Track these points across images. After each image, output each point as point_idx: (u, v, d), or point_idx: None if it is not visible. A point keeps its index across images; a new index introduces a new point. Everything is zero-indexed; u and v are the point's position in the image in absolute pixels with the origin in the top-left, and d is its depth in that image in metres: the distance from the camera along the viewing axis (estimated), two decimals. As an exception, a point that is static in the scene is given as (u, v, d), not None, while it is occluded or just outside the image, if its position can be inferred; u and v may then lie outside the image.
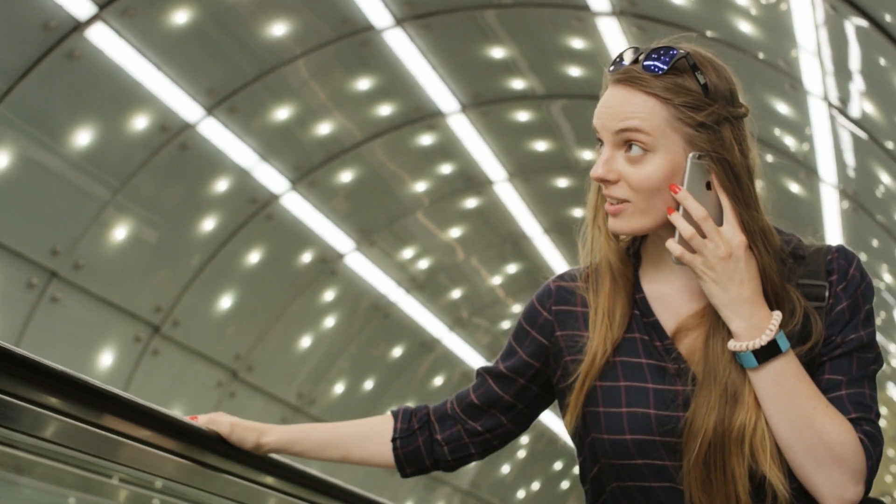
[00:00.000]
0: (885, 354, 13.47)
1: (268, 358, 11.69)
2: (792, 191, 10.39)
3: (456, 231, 12.83)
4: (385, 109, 10.44)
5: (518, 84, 10.44)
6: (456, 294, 13.94)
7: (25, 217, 8.68)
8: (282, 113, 9.92)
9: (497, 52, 9.98)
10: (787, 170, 10.06)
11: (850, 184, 9.87)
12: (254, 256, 10.87)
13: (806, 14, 7.90)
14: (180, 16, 8.48)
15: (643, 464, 2.02)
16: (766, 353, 1.95)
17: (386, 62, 9.71)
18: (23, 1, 7.71)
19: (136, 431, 2.39)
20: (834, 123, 8.83)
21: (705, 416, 1.97)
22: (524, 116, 10.96)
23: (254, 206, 10.47)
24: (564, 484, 19.83)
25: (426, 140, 11.03)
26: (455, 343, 14.37)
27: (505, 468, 17.49)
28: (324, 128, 10.38)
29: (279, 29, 9.07)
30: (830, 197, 10.16)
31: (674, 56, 1.99)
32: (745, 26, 8.54)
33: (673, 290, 2.08)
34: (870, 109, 8.47)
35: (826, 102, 8.56)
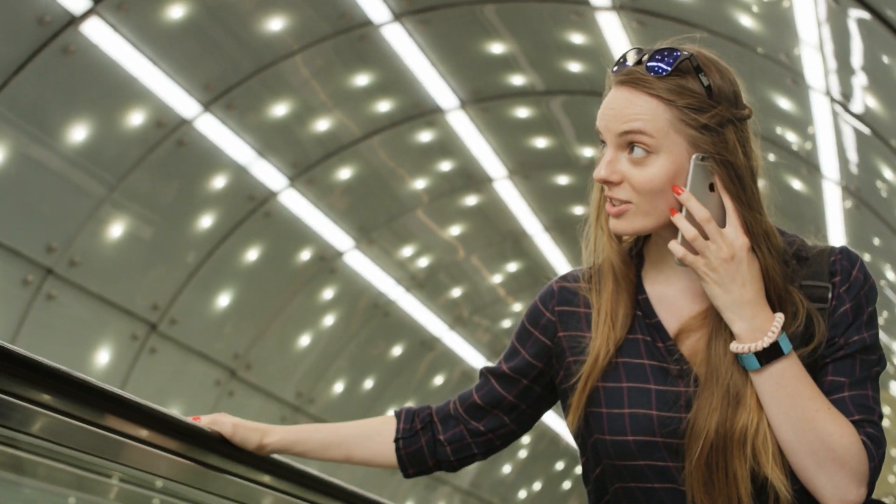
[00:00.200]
0: (888, 353, 13.40)
1: (266, 357, 11.64)
2: (794, 187, 10.32)
3: (456, 229, 12.77)
4: (384, 106, 10.37)
5: (518, 80, 10.37)
6: (456, 292, 13.88)
7: (20, 213, 8.63)
8: (279, 109, 9.85)
9: (496, 48, 9.91)
10: (789, 166, 9.99)
11: (853, 180, 9.79)
12: (252, 254, 10.82)
13: (808, 8, 7.83)
14: (176, 10, 8.42)
15: (645, 465, 2.03)
16: (769, 355, 1.95)
17: (384, 58, 9.64)
18: (16, -5, 7.66)
19: (139, 432, 2.39)
20: (836, 119, 8.74)
21: (707, 418, 1.98)
22: (524, 113, 10.89)
23: (252, 204, 10.41)
24: (566, 484, 19.78)
25: (425, 137, 10.96)
26: (455, 342, 14.31)
27: (506, 468, 17.43)
28: (322, 124, 10.31)
29: (276, 24, 9.00)
30: (833, 193, 10.09)
31: (677, 57, 1.98)
32: (746, 20, 8.47)
33: (675, 292, 2.08)
34: (872, 104, 8.38)
35: (828, 97, 8.48)
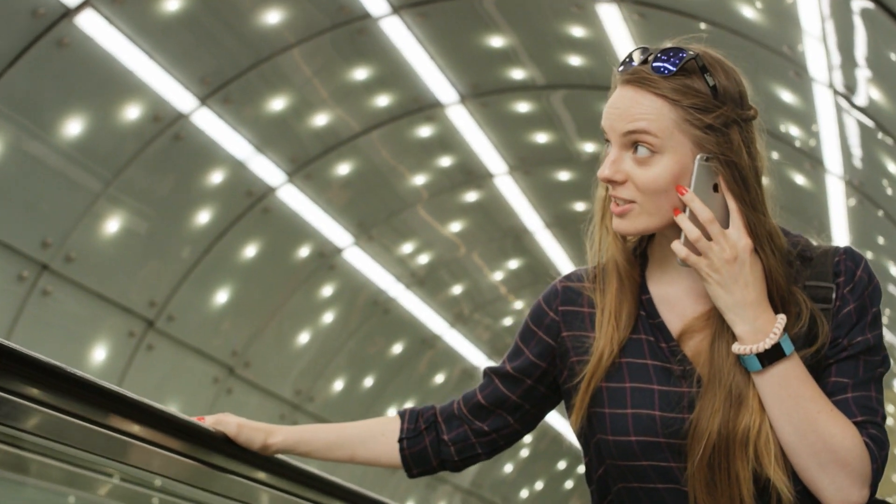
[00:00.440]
0: (893, 351, 13.30)
1: (265, 354, 11.56)
2: (797, 182, 10.22)
3: (456, 225, 12.67)
4: (382, 100, 10.27)
5: (518, 74, 10.27)
6: (457, 290, 13.79)
7: (15, 208, 8.56)
8: (277, 103, 9.76)
9: (496, 41, 9.81)
10: (792, 161, 9.88)
11: (856, 174, 9.69)
12: (250, 250, 10.73)
13: (811, -1, 7.73)
14: (171, 2, 8.34)
15: (648, 465, 2.04)
16: (771, 357, 1.96)
17: (383, 51, 9.55)
18: (10, -13, 7.58)
19: (143, 432, 2.40)
20: (839, 112, 8.64)
21: (710, 419, 1.98)
22: (524, 107, 10.80)
23: (250, 199, 10.33)
24: (568, 483, 19.69)
25: (425, 132, 10.87)
26: (456, 340, 14.21)
27: (508, 467, 17.35)
28: (320, 119, 10.22)
29: (273, 17, 8.91)
30: (836, 188, 9.99)
31: (683, 57, 1.98)
32: (749, 12, 8.36)
33: (679, 292, 2.08)
34: (877, 97, 8.27)
35: (832, 90, 8.37)
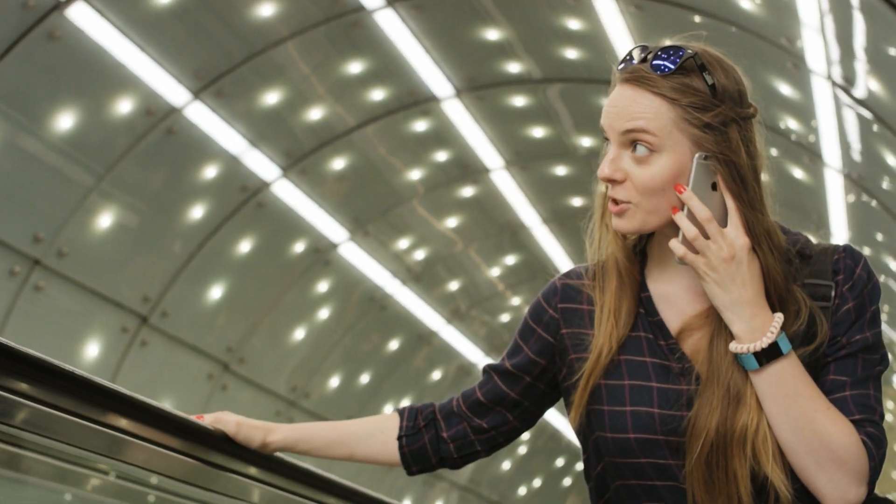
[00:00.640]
0: (893, 347, 13.23)
1: (260, 350, 11.49)
2: (795, 176, 10.14)
3: (452, 221, 12.59)
4: (377, 94, 10.19)
5: (514, 67, 10.19)
6: (453, 286, 13.72)
7: (6, 203, 8.50)
8: (271, 97, 9.68)
9: (492, 34, 9.73)
10: (791, 154, 9.80)
11: (855, 168, 9.60)
12: (244, 246, 10.66)
13: (809, -12, 7.65)
14: (163, -6, 8.26)
15: (646, 462, 2.04)
16: (768, 356, 1.96)
17: (377, 44, 9.47)
18: (-1, -22, 7.50)
19: (143, 430, 2.39)
20: (838, 104, 8.56)
21: (708, 417, 1.98)
22: (520, 101, 10.72)
23: (244, 194, 10.25)
24: (566, 481, 19.62)
25: (420, 126, 10.79)
26: (453, 336, 14.14)
27: (506, 464, 17.28)
28: (315, 113, 10.14)
29: (266, 9, 8.83)
30: (835, 182, 9.91)
31: (682, 56, 1.98)
32: (746, 3, 8.28)
33: (678, 290, 2.08)
34: (875, 88, 8.19)
35: (830, 82, 8.29)
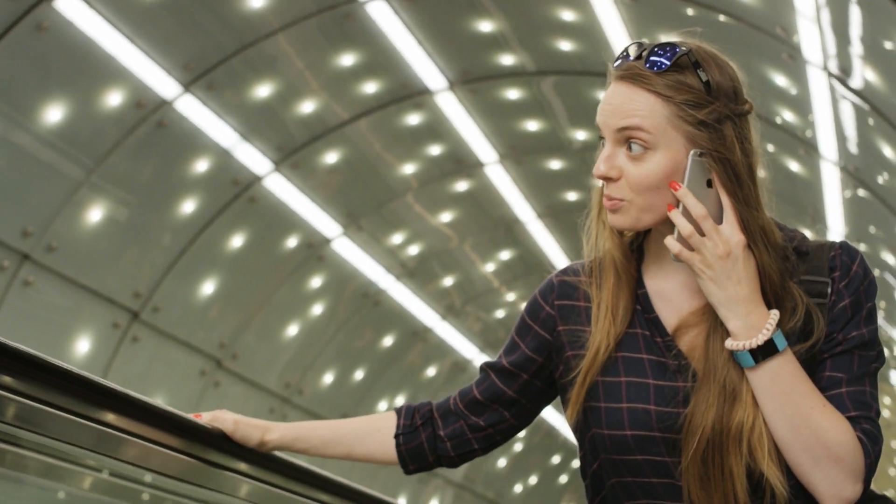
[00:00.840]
0: (890, 342, 13.16)
1: (253, 346, 11.40)
2: (791, 169, 10.06)
3: (447, 216, 12.51)
4: (370, 87, 10.11)
5: (507, 60, 10.11)
6: (448, 281, 13.64)
7: (-6, 197, 8.39)
8: (262, 90, 9.60)
9: (485, 26, 9.65)
10: (786, 146, 9.72)
11: (852, 160, 9.52)
12: (237, 240, 10.57)
13: (804, -22, 7.57)
14: (153, -15, 8.17)
15: (643, 459, 2.04)
16: (764, 353, 1.96)
17: (370, 36, 9.39)
18: (-14, -32, 7.41)
19: (140, 429, 2.40)
20: (834, 95, 8.47)
21: (704, 414, 1.99)
22: (514, 94, 10.63)
23: (236, 188, 10.17)
24: (563, 478, 19.55)
25: (413, 119, 10.70)
26: (447, 332, 14.06)
27: (501, 461, 17.21)
28: (307, 106, 10.05)
29: (257, 0, 8.74)
30: (831, 175, 9.82)
31: (677, 53, 1.99)
32: (741, -8, 8.19)
33: (675, 287, 2.09)
34: (872, 78, 8.10)
35: (826, 73, 8.21)
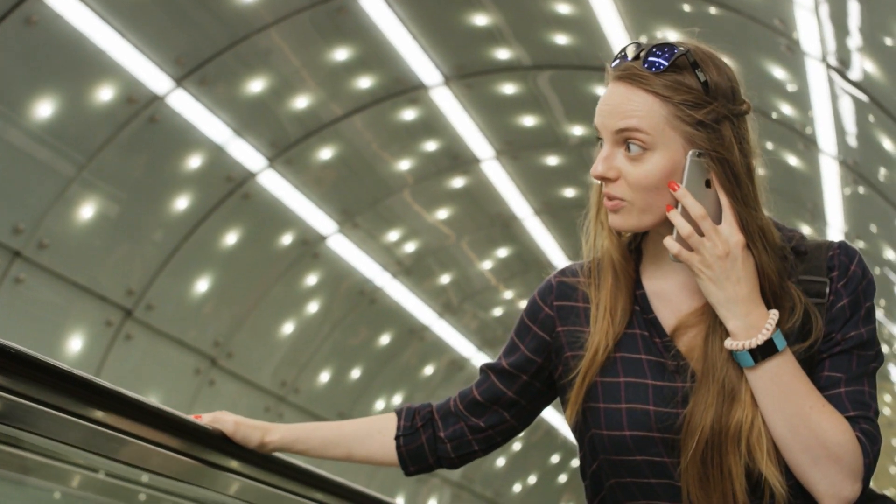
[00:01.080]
0: (890, 338, 13.07)
1: (248, 344, 11.31)
2: (790, 163, 9.97)
3: (443, 212, 12.42)
4: (364, 82, 10.02)
5: (503, 54, 10.02)
6: (445, 279, 13.54)
7: (-16, 193, 8.31)
8: (255, 85, 9.51)
9: (480, 20, 9.56)
10: (785, 141, 9.62)
11: (851, 154, 9.43)
12: (231, 238, 10.48)
13: (802, -32, 7.47)
14: (143, -22, 8.09)
15: (642, 460, 2.04)
16: (763, 352, 1.96)
17: (363, 30, 9.30)
18: (-27, -39, 7.33)
19: (140, 430, 2.40)
20: (833, 87, 8.38)
21: (703, 414, 1.99)
22: (510, 89, 10.54)
23: (229, 185, 10.08)
24: (562, 478, 19.46)
25: (409, 115, 10.61)
26: (445, 330, 13.96)
27: (500, 461, 17.11)
28: (300, 101, 9.96)
29: (249, -7, 8.67)
30: (830, 169, 9.73)
31: (675, 53, 1.99)
32: (738, -17, 8.10)
33: (673, 287, 2.09)
34: (871, 69, 8.01)
35: (824, 64, 8.11)
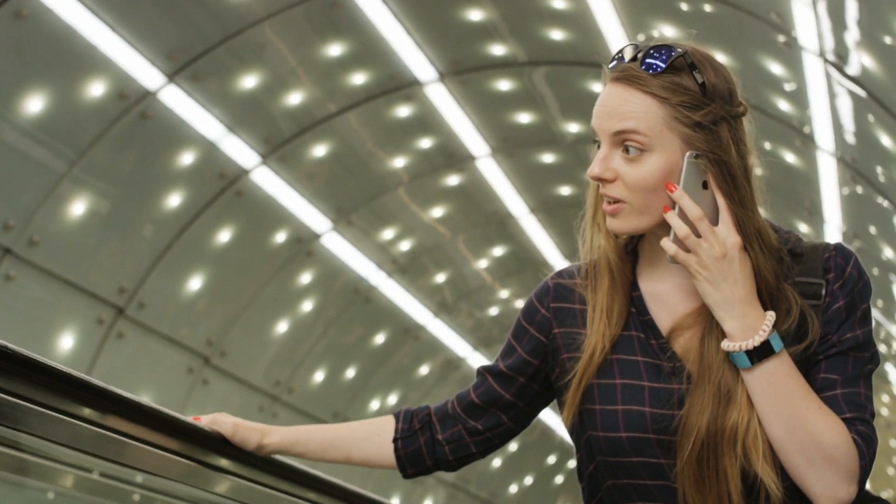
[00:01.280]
0: (889, 337, 13.00)
1: (241, 343, 11.23)
2: (787, 160, 9.89)
3: (438, 210, 12.34)
4: (358, 78, 9.94)
5: (498, 50, 9.95)
6: (440, 278, 13.46)
7: (-27, 189, 8.22)
8: (248, 81, 9.42)
9: (475, 15, 9.48)
10: (782, 137, 9.55)
11: (849, 150, 9.36)
12: (224, 235, 10.40)
13: (799, -38, 7.40)
14: (134, -28, 8.01)
15: (638, 462, 2.05)
16: (760, 354, 1.97)
17: (357, 26, 9.23)
18: (-39, -47, 7.24)
19: (139, 432, 2.39)
20: (830, 82, 8.31)
21: (699, 415, 1.99)
22: (505, 85, 10.46)
23: (222, 182, 10.00)
24: (558, 478, 19.38)
25: (403, 112, 10.53)
26: (440, 329, 13.88)
27: (496, 461, 17.03)
28: (294, 97, 9.88)
29: (241, -13, 8.59)
30: (828, 165, 9.66)
31: (672, 55, 1.99)
32: (735, -23, 8.02)
33: (669, 289, 2.09)
34: (869, 64, 7.93)
35: (822, 59, 8.04)
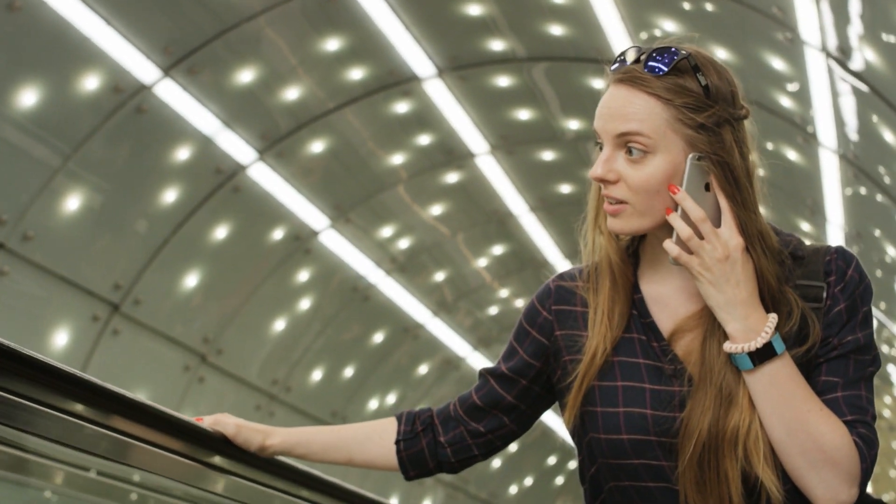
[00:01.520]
0: (891, 337, 12.91)
1: (238, 341, 11.16)
2: (789, 158, 9.80)
3: (437, 208, 12.25)
4: (356, 73, 9.85)
5: (497, 45, 9.86)
6: (439, 276, 13.38)
7: (-34, 183, 8.15)
8: (245, 75, 9.34)
9: (474, 10, 9.40)
10: (784, 134, 9.46)
11: (851, 147, 9.27)
12: (220, 232, 10.32)
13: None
14: (129, -36, 7.94)
15: (639, 464, 2.05)
16: (762, 356, 1.97)
17: (355, 20, 9.14)
18: (-47, -57, 7.17)
19: (141, 432, 2.40)
20: (833, 78, 8.22)
21: (700, 418, 1.99)
22: (505, 81, 10.37)
23: (219, 178, 9.92)
24: (559, 480, 19.30)
25: (402, 108, 10.45)
26: (439, 328, 13.80)
27: (496, 462, 16.95)
28: (291, 92, 9.80)
29: (237, -20, 8.51)
30: (830, 163, 9.57)
31: (676, 57, 2.00)
32: (736, -29, 7.93)
33: (671, 291, 2.09)
34: (872, 59, 7.84)
35: (824, 54, 7.95)
